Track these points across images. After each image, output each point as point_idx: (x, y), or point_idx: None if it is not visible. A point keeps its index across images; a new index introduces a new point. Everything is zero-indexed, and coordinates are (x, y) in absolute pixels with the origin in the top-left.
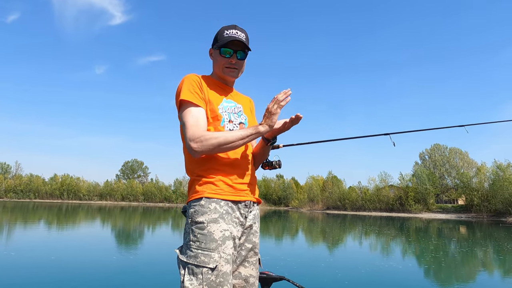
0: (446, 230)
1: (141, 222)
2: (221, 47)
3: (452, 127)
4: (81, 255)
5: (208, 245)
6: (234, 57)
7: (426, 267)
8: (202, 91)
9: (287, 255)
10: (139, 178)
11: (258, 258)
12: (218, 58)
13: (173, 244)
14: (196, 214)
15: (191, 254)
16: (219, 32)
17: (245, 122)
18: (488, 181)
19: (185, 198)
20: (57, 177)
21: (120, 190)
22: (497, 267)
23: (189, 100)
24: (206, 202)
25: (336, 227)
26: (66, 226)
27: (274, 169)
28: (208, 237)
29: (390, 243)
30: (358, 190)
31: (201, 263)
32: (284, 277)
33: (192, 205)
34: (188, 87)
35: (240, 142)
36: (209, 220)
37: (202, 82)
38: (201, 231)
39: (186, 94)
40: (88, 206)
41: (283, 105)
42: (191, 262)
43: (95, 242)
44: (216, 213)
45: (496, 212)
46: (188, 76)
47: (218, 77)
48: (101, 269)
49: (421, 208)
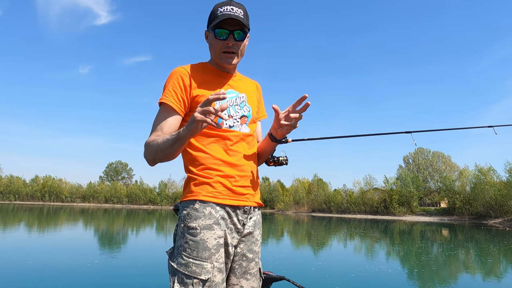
0: (429, 232)
1: (125, 225)
2: (215, 28)
3: (481, 127)
4: (60, 260)
5: (201, 254)
6: (231, 38)
7: (414, 270)
8: (185, 88)
9: (272, 257)
10: (123, 180)
11: (259, 268)
12: (213, 42)
13: (158, 248)
14: (189, 218)
15: (182, 261)
16: (213, 10)
17: (249, 115)
18: (469, 184)
19: (170, 200)
20: (38, 179)
21: (104, 192)
22: (479, 269)
23: (165, 102)
24: (200, 206)
25: (322, 229)
26: (47, 229)
27: (280, 166)
28: (201, 245)
29: (375, 246)
30: (343, 193)
31: (192, 274)
32: (284, 277)
33: (185, 207)
34: (168, 86)
35: (170, 150)
36: (202, 226)
37: (191, 77)
38: (194, 237)
39: (164, 95)
40: (71, 208)
41: (210, 113)
42: (181, 270)
43: (76, 245)
44: (211, 219)
45: (477, 215)
46: (174, 71)
47: (216, 64)
48: (82, 274)
49: (405, 211)
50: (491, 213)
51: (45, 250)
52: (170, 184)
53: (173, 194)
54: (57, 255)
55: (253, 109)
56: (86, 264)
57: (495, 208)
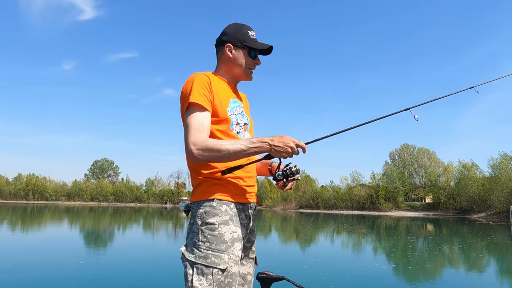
0: (415, 227)
1: (111, 223)
2: (254, 50)
3: (464, 90)
4: (44, 260)
5: (219, 246)
6: (258, 59)
7: (401, 265)
8: (211, 93)
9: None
10: (109, 177)
11: (255, 256)
12: (245, 58)
13: (145, 246)
14: (207, 215)
15: (201, 254)
16: (239, 29)
17: (248, 122)
18: (454, 179)
19: (157, 198)
20: (21, 177)
21: (89, 190)
22: (463, 263)
23: (198, 103)
24: (217, 203)
25: (309, 225)
26: (30, 228)
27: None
28: (219, 238)
29: (362, 241)
30: (330, 189)
31: (212, 264)
32: (284, 277)
33: (202, 206)
34: (197, 89)
35: (240, 157)
36: (220, 221)
37: (212, 83)
38: (212, 232)
39: (195, 96)
40: (55, 206)
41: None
42: (201, 262)
43: (61, 245)
44: (227, 215)
45: (461, 210)
46: (197, 75)
47: (231, 76)
48: (67, 276)
49: (391, 206)
50: (474, 208)
51: (27, 251)
52: (157, 182)
53: (160, 191)
54: (40, 257)
55: (249, 117)
56: (71, 265)
57: (479, 203)
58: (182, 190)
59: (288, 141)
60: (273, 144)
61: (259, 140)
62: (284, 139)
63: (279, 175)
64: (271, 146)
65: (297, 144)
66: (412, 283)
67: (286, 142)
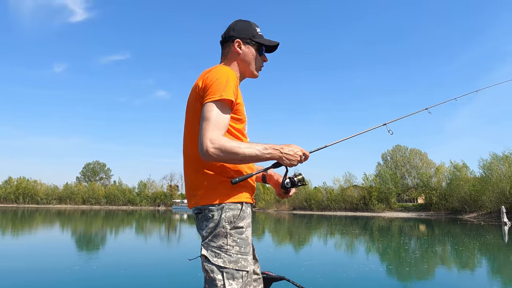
0: (408, 228)
1: (103, 227)
2: (264, 47)
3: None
4: (35, 266)
5: (246, 250)
6: (265, 56)
7: (393, 266)
8: (236, 94)
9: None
10: (101, 180)
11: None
12: (255, 56)
13: (140, 250)
14: (236, 219)
15: (231, 259)
16: (248, 25)
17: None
18: (445, 180)
19: (149, 200)
20: (11, 180)
21: (81, 193)
22: (456, 263)
23: (231, 100)
24: (245, 207)
25: (303, 227)
26: (21, 232)
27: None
28: (246, 241)
29: (354, 242)
30: (323, 190)
31: (242, 268)
32: (284, 277)
33: (229, 208)
34: (232, 86)
35: (252, 161)
36: (247, 225)
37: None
38: (241, 235)
39: (229, 93)
40: (46, 210)
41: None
42: (231, 267)
43: (53, 250)
44: (249, 218)
45: (453, 210)
46: (231, 71)
47: (241, 74)
48: (60, 282)
49: (384, 207)
50: (466, 208)
51: (17, 256)
52: (150, 184)
53: (153, 194)
54: (30, 262)
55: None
56: (64, 270)
57: (470, 203)
58: (175, 193)
59: (297, 150)
60: (284, 152)
61: (272, 147)
62: (293, 148)
63: (288, 183)
64: (282, 154)
65: (304, 153)
66: (407, 283)
67: (295, 151)
